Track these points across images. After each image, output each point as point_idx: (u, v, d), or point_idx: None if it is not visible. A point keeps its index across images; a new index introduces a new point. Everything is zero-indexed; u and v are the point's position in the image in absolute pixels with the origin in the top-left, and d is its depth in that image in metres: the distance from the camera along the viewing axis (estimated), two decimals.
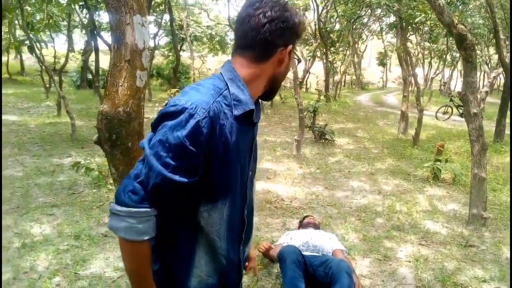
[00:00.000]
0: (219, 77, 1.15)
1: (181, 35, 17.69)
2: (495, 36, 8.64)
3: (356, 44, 23.00)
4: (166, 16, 11.96)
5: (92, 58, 14.33)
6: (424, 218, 4.42)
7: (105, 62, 15.60)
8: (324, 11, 15.21)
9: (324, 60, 17.37)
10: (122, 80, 2.02)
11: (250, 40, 1.13)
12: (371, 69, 39.25)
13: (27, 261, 3.10)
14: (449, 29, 4.11)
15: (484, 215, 4.11)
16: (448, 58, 22.70)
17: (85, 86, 16.28)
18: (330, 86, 18.89)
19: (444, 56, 21.55)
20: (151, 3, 7.87)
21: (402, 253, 3.56)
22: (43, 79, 12.54)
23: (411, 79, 10.80)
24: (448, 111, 13.79)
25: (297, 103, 6.61)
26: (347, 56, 22.01)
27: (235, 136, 1.11)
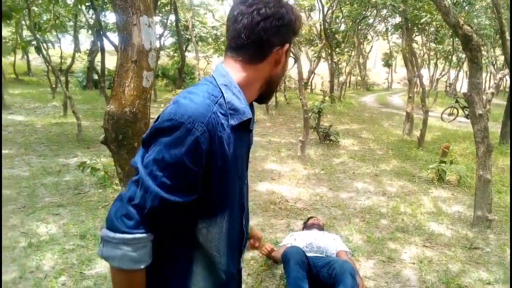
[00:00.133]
0: (212, 82, 1.07)
1: (186, 35, 17.75)
2: (501, 37, 8.59)
3: (362, 45, 22.97)
4: (172, 17, 12.00)
5: (98, 58, 14.40)
6: (429, 219, 4.41)
7: (111, 62, 15.67)
8: (329, 11, 15.20)
9: (329, 61, 17.36)
10: (129, 80, 2.03)
11: (244, 40, 1.05)
12: (376, 70, 39.14)
13: (33, 260, 3.13)
14: (454, 30, 4.10)
15: (489, 217, 4.09)
16: (454, 59, 22.59)
17: (91, 87, 16.38)
18: (335, 87, 18.88)
19: (450, 57, 21.45)
20: (157, 3, 7.91)
21: (406, 254, 3.56)
22: (49, 79, 12.63)
23: (416, 80, 10.77)
24: (453, 113, 13.73)
25: (302, 104, 6.62)
26: (352, 57, 21.98)
27: (232, 147, 1.04)
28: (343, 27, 18.32)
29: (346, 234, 3.92)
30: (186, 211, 1.02)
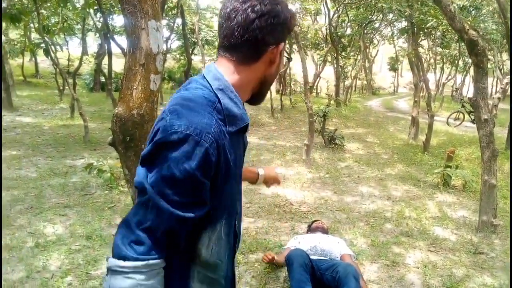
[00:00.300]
0: (207, 86, 1.00)
1: (192, 39, 17.83)
2: (508, 42, 8.56)
3: (367, 49, 22.93)
4: (178, 20, 12.08)
5: (105, 61, 14.51)
6: (433, 224, 4.41)
7: (118, 65, 15.85)
8: (335, 15, 15.23)
9: (335, 65, 17.36)
10: (137, 83, 2.07)
11: (237, 38, 0.98)
12: (382, 74, 39.08)
13: (40, 260, 3.17)
14: (460, 35, 4.10)
15: (494, 222, 4.08)
16: (460, 64, 22.50)
17: (98, 89, 16.52)
18: (341, 91, 18.86)
19: (456, 61, 21.38)
20: (164, 7, 7.97)
21: (411, 259, 3.56)
22: (57, 81, 12.77)
23: (422, 85, 10.75)
24: (459, 117, 13.68)
25: (307, 108, 6.63)
26: (358, 61, 21.94)
27: (233, 154, 1.00)
28: (349, 31, 18.33)
29: (350, 237, 3.93)
30: (195, 226, 0.97)
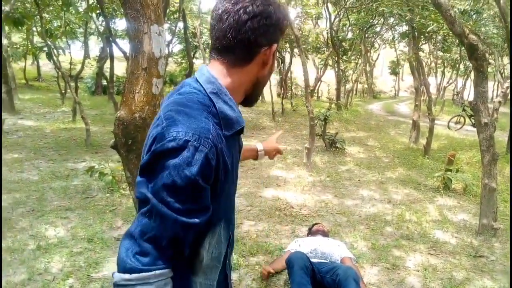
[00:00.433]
0: (200, 90, 0.99)
1: (194, 42, 17.89)
2: (508, 46, 8.58)
3: (368, 53, 22.99)
4: (180, 24, 12.16)
5: (107, 65, 14.58)
6: (434, 227, 4.41)
7: (119, 68, 15.91)
8: (336, 19, 15.26)
9: (336, 69, 17.38)
10: (139, 87, 2.09)
11: (230, 41, 0.97)
12: (383, 78, 39.11)
13: (42, 262, 3.19)
14: (460, 39, 4.13)
15: (494, 225, 4.09)
16: (461, 68, 22.54)
17: (99, 92, 16.55)
18: (342, 95, 18.88)
19: (457, 65, 21.41)
20: (166, 11, 8.03)
21: (411, 262, 3.57)
22: (59, 85, 12.82)
23: (423, 88, 10.77)
24: (460, 121, 13.69)
25: (308, 111, 6.65)
26: (359, 64, 21.99)
27: (230, 156, 1.00)
28: (350, 35, 18.37)
29: (350, 241, 3.94)
30: (199, 232, 0.97)
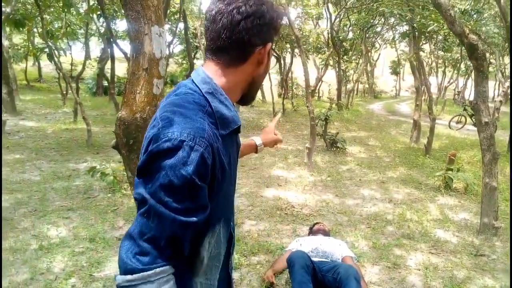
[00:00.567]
0: (196, 91, 1.00)
1: (195, 43, 17.90)
2: (509, 45, 8.57)
3: (369, 53, 22.97)
4: (181, 25, 12.17)
5: (108, 65, 14.59)
6: (435, 226, 4.42)
7: (120, 69, 15.93)
8: (337, 20, 15.26)
9: (337, 69, 17.38)
10: (140, 87, 2.11)
11: (224, 41, 0.98)
12: (384, 77, 39.08)
13: (44, 262, 3.20)
14: (460, 39, 4.13)
15: (495, 224, 4.10)
16: (462, 67, 22.52)
17: (100, 93, 16.57)
18: (343, 95, 18.88)
19: (458, 65, 21.40)
20: (167, 12, 8.04)
21: (412, 261, 3.58)
22: (60, 86, 12.83)
23: (424, 88, 10.77)
24: (461, 120, 13.68)
25: (308, 111, 6.66)
26: (360, 64, 22.00)
27: (227, 156, 1.01)
28: (350, 35, 18.35)
29: (352, 240, 3.95)
30: (198, 231, 0.97)
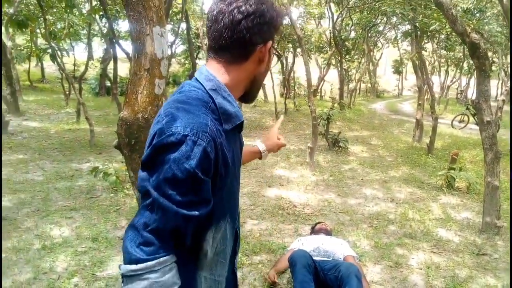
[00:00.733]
0: (200, 88, 1.03)
1: (197, 43, 17.92)
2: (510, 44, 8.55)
3: (371, 52, 22.93)
4: (183, 25, 12.15)
5: (111, 66, 14.61)
6: (437, 226, 4.42)
7: (123, 70, 15.95)
8: (339, 19, 15.26)
9: (339, 68, 17.38)
10: (142, 88, 2.12)
11: (226, 40, 1.01)
12: (386, 77, 39.02)
13: (47, 262, 3.22)
14: (462, 37, 4.12)
15: (497, 223, 4.09)
16: (465, 66, 22.47)
17: (103, 93, 16.63)
18: (345, 94, 18.85)
19: (460, 64, 21.35)
20: (169, 12, 8.06)
21: (414, 260, 3.58)
22: (63, 86, 12.88)
23: (426, 87, 10.75)
24: (464, 120, 13.65)
25: (310, 111, 6.66)
26: (362, 64, 21.96)
27: (231, 152, 1.04)
28: (353, 35, 18.33)
29: (353, 239, 3.95)
30: (200, 224, 0.99)
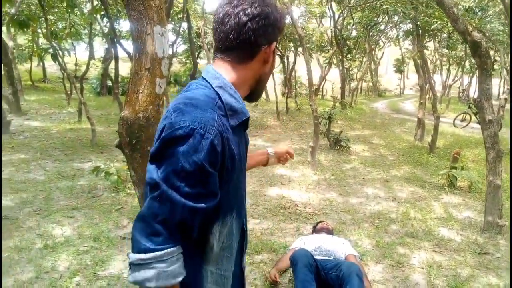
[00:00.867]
0: (206, 85, 1.07)
1: (198, 43, 17.96)
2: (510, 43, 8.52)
3: (373, 51, 22.89)
4: (184, 25, 12.14)
5: (112, 65, 14.64)
6: (439, 225, 4.41)
7: (124, 69, 15.95)
8: (340, 18, 15.25)
9: (340, 67, 17.35)
10: (143, 87, 2.12)
11: (232, 41, 1.06)
12: (388, 76, 38.98)
13: (49, 261, 3.23)
14: (463, 36, 4.12)
15: (499, 222, 4.08)
16: (466, 65, 22.41)
17: (105, 93, 16.61)
18: (346, 93, 18.82)
19: (462, 63, 21.30)
20: (170, 12, 8.05)
21: (416, 259, 3.57)
22: (64, 86, 12.89)
23: (428, 86, 10.74)
24: (466, 119, 13.62)
25: (312, 110, 6.65)
26: (363, 63, 21.92)
27: (237, 147, 1.06)
28: (354, 34, 18.32)
29: (355, 238, 3.95)
30: (207, 217, 1.01)
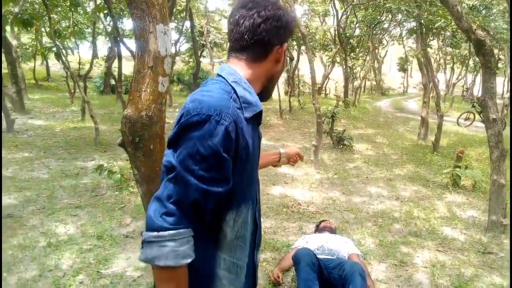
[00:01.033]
0: (222, 80, 1.12)
1: (201, 41, 17.95)
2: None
3: (376, 50, 22.81)
4: (187, 23, 12.19)
5: (115, 64, 14.64)
6: (442, 224, 4.39)
7: (127, 68, 15.99)
8: (343, 16, 15.20)
9: (344, 66, 17.30)
10: (145, 85, 2.11)
11: (247, 41, 1.12)
12: (391, 74, 38.83)
13: (52, 259, 3.24)
14: (467, 34, 4.09)
15: (503, 222, 4.06)
16: (470, 63, 22.30)
17: (108, 92, 16.63)
18: (350, 92, 18.79)
19: (466, 61, 21.20)
20: (173, 10, 8.05)
21: (419, 258, 3.56)
22: (68, 84, 12.92)
23: (431, 85, 10.69)
24: (470, 117, 13.55)
25: (315, 109, 6.64)
26: (367, 61, 21.87)
27: (251, 138, 1.10)
28: (357, 32, 18.24)
29: (358, 237, 3.94)
30: (220, 202, 1.04)
